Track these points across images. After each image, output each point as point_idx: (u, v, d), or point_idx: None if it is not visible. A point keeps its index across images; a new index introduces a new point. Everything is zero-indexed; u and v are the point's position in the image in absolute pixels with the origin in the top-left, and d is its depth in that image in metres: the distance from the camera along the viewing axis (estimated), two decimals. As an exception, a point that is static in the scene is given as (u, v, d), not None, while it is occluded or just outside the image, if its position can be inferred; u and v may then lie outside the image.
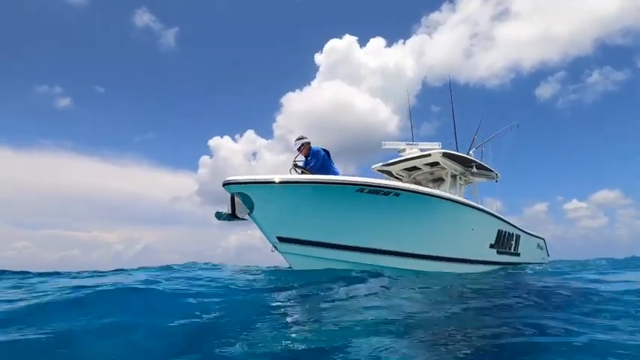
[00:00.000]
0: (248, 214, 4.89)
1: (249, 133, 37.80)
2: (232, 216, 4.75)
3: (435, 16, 40.83)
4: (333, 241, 5.26)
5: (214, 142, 34.30)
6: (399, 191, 5.39)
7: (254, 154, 38.06)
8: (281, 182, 4.75)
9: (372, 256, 5.50)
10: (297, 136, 5.75)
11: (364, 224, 5.38)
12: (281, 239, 5.05)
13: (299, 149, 5.64)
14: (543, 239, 11.94)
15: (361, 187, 5.06)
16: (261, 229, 5.03)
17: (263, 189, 4.73)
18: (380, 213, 5.41)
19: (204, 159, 35.66)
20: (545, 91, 38.47)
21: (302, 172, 5.44)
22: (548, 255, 12.41)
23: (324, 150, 5.72)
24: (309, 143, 5.69)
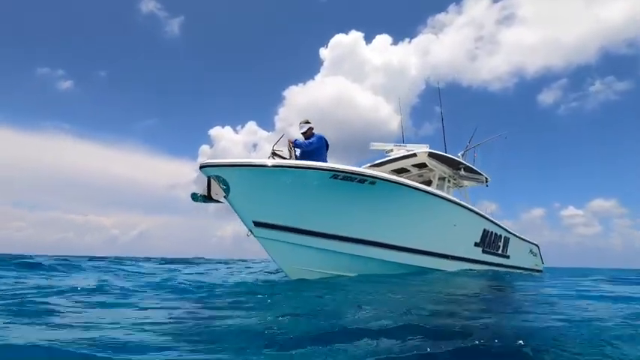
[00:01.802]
0: (224, 197, 5.03)
1: (251, 125, 38.09)
2: (207, 198, 4.90)
3: (441, 16, 41.52)
4: (309, 228, 5.34)
5: (215, 131, 34.68)
6: (374, 179, 5.49)
7: (254, 146, 38.37)
8: (255, 165, 4.90)
9: (347, 245, 5.56)
10: (303, 119, 5.94)
11: (340, 212, 5.47)
12: (256, 224, 5.16)
13: (304, 132, 5.86)
14: (537, 245, 11.82)
15: (335, 174, 5.18)
16: (237, 213, 5.15)
17: (238, 172, 4.88)
18: (355, 201, 5.51)
19: (204, 148, 35.92)
20: (547, 97, 38.65)
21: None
22: (543, 262, 12.24)
23: (325, 139, 5.93)
24: (313, 128, 5.93)
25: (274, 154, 5.56)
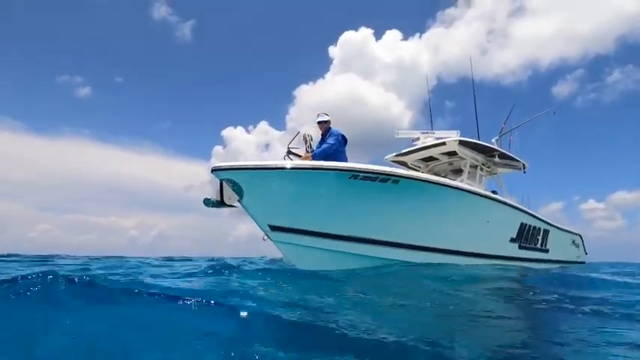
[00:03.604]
0: (238, 201, 4.82)
1: (263, 125, 38.04)
2: (220, 203, 4.70)
3: (450, 10, 39.15)
4: (328, 231, 5.06)
5: (228, 132, 35.04)
6: (397, 178, 5.08)
7: (267, 146, 38.32)
8: (273, 168, 4.63)
9: (369, 247, 5.25)
10: (322, 112, 5.60)
11: (362, 213, 5.13)
12: (272, 227, 4.94)
13: (321, 123, 5.52)
14: (580, 235, 10.96)
15: (354, 174, 4.82)
16: (252, 217, 4.94)
17: (251, 175, 4.63)
18: (378, 201, 5.13)
19: (218, 149, 36.31)
20: (562, 89, 36.14)
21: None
22: (586, 253, 11.38)
23: (343, 135, 5.56)
24: (330, 122, 5.58)
25: (290, 153, 5.25)
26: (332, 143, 5.35)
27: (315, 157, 5.26)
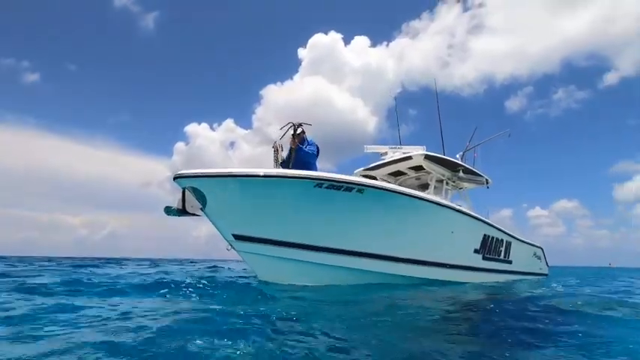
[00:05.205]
0: (201, 210, 4.73)
1: (228, 122, 37.90)
2: (182, 211, 4.59)
3: (415, 23, 42.05)
4: (293, 240, 5.02)
5: (191, 128, 34.60)
6: (362, 187, 5.15)
7: (232, 144, 38.15)
8: (233, 175, 4.59)
9: (335, 257, 5.23)
10: (303, 122, 5.62)
11: (326, 222, 5.14)
12: (237, 237, 4.86)
13: (298, 132, 5.49)
14: (541, 248, 11.40)
15: (319, 183, 4.85)
16: (215, 226, 4.85)
17: (215, 183, 4.57)
18: (343, 210, 5.17)
19: (180, 145, 35.73)
20: (514, 104, 39.65)
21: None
22: (548, 265, 11.83)
23: (317, 146, 5.70)
24: (304, 132, 5.63)
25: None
26: (314, 152, 5.56)
27: (301, 152, 5.40)
